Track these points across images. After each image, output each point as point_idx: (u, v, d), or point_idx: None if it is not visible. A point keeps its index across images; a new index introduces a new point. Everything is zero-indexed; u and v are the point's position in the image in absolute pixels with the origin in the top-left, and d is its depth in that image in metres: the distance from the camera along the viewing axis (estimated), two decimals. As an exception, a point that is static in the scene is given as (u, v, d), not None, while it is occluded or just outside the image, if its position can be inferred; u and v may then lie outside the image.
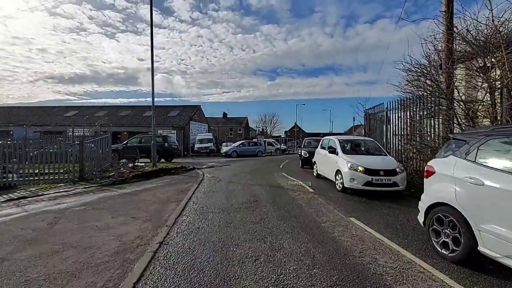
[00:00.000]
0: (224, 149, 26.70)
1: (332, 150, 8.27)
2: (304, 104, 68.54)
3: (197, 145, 29.26)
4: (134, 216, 5.29)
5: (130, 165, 13.66)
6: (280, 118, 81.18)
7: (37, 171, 10.03)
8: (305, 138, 16.21)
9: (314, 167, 10.50)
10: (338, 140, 8.52)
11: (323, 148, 9.83)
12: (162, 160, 18.24)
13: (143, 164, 13.76)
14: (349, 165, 7.16)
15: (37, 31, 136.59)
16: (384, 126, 12.00)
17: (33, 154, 10.52)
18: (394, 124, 10.89)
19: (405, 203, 6.31)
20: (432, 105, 8.80)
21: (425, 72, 7.80)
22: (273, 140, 38.07)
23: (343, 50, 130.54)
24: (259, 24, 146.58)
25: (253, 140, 33.63)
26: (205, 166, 15.24)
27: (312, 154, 13.10)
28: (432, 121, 9.06)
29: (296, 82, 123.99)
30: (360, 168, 6.94)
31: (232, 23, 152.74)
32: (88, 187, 9.03)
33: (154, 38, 13.24)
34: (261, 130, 72.14)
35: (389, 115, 11.39)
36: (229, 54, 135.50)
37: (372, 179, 6.76)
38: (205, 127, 37.18)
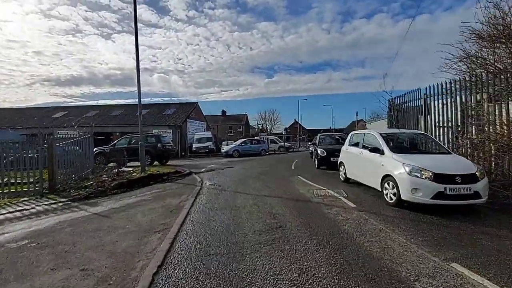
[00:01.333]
0: (224, 148, 24.57)
1: (374, 148, 6.14)
2: (306, 99, 66.78)
3: (195, 145, 27.10)
4: (86, 267, 3.17)
5: (115, 170, 11.55)
6: (280, 115, 79.22)
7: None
8: (319, 134, 14.12)
9: (341, 169, 8.39)
10: (381, 134, 6.39)
11: (353, 145, 7.73)
12: (156, 162, 16.11)
13: (131, 169, 11.63)
14: (407, 169, 5.04)
15: (33, 34, 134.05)
16: (422, 117, 9.89)
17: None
18: (437, 113, 8.80)
19: (495, 223, 4.26)
20: (502, 84, 6.72)
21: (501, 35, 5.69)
22: (276, 138, 35.96)
23: (340, 46, 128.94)
24: (255, 21, 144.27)
25: (256, 138, 31.48)
26: (204, 169, 13.11)
27: (330, 152, 11.03)
28: (498, 106, 6.99)
29: (294, 79, 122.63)
30: (426, 174, 4.82)
31: (228, 21, 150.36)
32: (55, 203, 7.01)
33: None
34: (261, 127, 70.08)
35: (428, 102, 9.30)
36: (226, 52, 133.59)
37: (445, 188, 4.65)
38: (203, 125, 35.01)
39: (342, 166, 8.23)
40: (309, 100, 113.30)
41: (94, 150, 16.33)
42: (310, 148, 17.51)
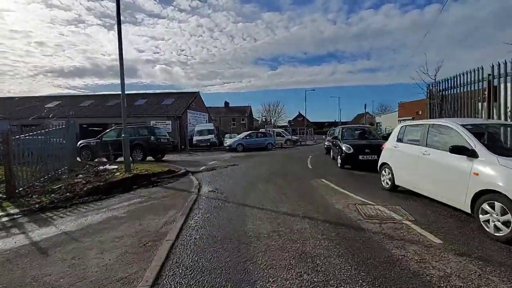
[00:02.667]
0: (227, 141, 22.53)
1: (456, 148, 4.01)
2: (313, 90, 64.08)
3: (195, 138, 25.08)
4: None
5: (97, 169, 9.60)
6: (285, 107, 76.80)
7: None
8: (340, 127, 11.95)
9: (384, 172, 6.31)
10: (465, 126, 4.26)
11: (408, 142, 5.61)
12: (150, 158, 14.14)
13: (116, 166, 9.63)
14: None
15: (35, 24, 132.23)
16: (480, 104, 7.75)
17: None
18: (510, 99, 6.66)
19: None
20: None
21: None
22: (282, 130, 33.78)
23: (346, 37, 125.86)
24: (259, 11, 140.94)
25: (261, 130, 29.36)
26: (203, 167, 11.09)
27: (358, 149, 8.98)
28: None
29: (298, 70, 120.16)
30: None
31: (232, 11, 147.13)
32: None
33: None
34: (264, 119, 67.89)
35: (495, 85, 7.14)
36: (230, 43, 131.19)
37: None
38: (205, 116, 32.92)
39: (387, 169, 6.14)
40: (313, 93, 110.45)
41: (79, 143, 14.41)
42: (326, 143, 15.41)
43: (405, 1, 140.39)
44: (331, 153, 12.78)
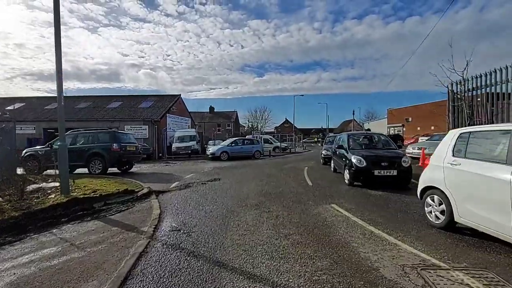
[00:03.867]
0: (210, 149, 20.21)
1: None
2: (302, 95, 63.32)
3: (174, 145, 22.56)
4: None
5: (31, 186, 7.15)
6: (271, 113, 75.04)
7: None
8: (345, 134, 9.92)
9: (432, 201, 4.27)
10: None
11: (484, 159, 3.58)
12: (115, 169, 11.67)
13: (55, 186, 7.17)
14: None
15: (14, 25, 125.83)
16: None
17: None
18: None
19: None
20: None
21: None
22: (270, 137, 31.77)
23: (331, 46, 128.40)
24: (247, 18, 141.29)
25: (248, 137, 27.20)
26: (175, 183, 8.79)
27: (373, 162, 7.05)
28: None
29: (284, 78, 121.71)
30: None
31: (219, 17, 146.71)
32: None
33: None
34: (251, 125, 65.94)
35: None
36: (217, 49, 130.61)
37: None
38: (187, 121, 30.42)
39: (438, 198, 4.12)
40: (299, 100, 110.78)
41: (24, 152, 11.71)
42: (324, 152, 13.43)
43: (388, 13, 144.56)
44: (332, 164, 10.80)
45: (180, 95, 29.01)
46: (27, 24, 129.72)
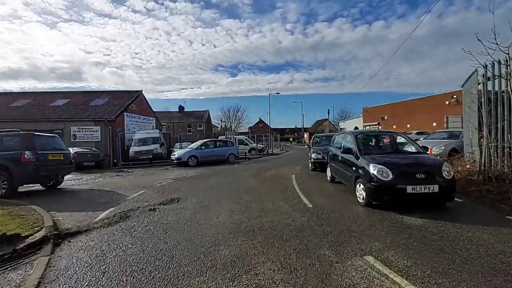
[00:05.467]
0: (176, 153, 17.10)
1: None
2: (278, 93, 61.77)
3: (133, 149, 19.06)
4: None
5: None
6: (245, 114, 72.16)
7: None
8: (350, 133, 7.36)
9: None
10: None
11: None
12: (32, 187, 8.39)
13: None
14: None
15: None
16: None
17: None
18: None
19: None
20: None
21: None
22: (245, 137, 29.17)
23: (303, 47, 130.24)
24: (219, 17, 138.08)
25: (221, 138, 24.32)
26: (107, 211, 5.84)
27: (403, 173, 4.66)
28: None
29: (258, 78, 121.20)
30: None
31: (191, 15, 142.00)
32: None
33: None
34: (224, 126, 62.93)
35: None
36: (188, 48, 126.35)
37: None
38: (151, 122, 26.78)
39: None
40: (273, 100, 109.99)
41: None
42: (314, 155, 10.99)
43: (356, 16, 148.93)
44: (329, 171, 8.42)
45: (141, 91, 25.32)
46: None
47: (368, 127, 44.36)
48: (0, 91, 29.69)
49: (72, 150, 16.32)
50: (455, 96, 27.89)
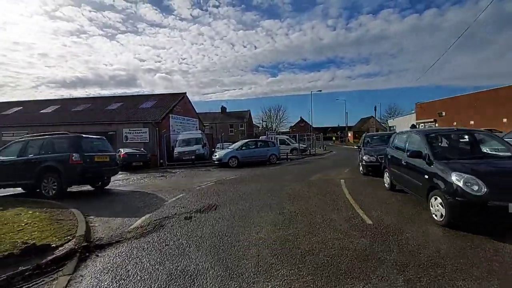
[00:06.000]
0: (217, 154, 16.98)
1: None
2: (320, 91, 59.71)
3: (177, 149, 19.53)
4: None
5: None
6: (286, 113, 70.69)
7: None
8: (415, 132, 6.11)
9: None
10: None
11: None
12: (83, 187, 8.72)
13: None
14: None
15: (38, 35, 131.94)
16: None
17: None
18: None
19: None
20: None
21: None
22: (287, 137, 28.23)
23: (345, 43, 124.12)
24: (260, 19, 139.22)
25: (262, 138, 23.80)
26: (143, 217, 5.55)
27: (503, 186, 3.29)
28: None
29: (298, 77, 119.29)
30: None
31: (233, 19, 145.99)
32: None
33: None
34: (265, 126, 62.55)
35: None
36: (231, 51, 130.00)
37: None
38: (194, 122, 27.45)
39: None
40: (314, 98, 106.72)
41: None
42: (364, 157, 9.66)
43: (404, 6, 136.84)
44: (387, 177, 7.14)
45: (185, 93, 26.06)
46: (50, 34, 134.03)
47: (423, 125, 39.96)
48: (67, 97, 33.08)
49: (123, 151, 17.30)
50: (536, 87, 23.39)
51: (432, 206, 4.53)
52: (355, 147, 11.57)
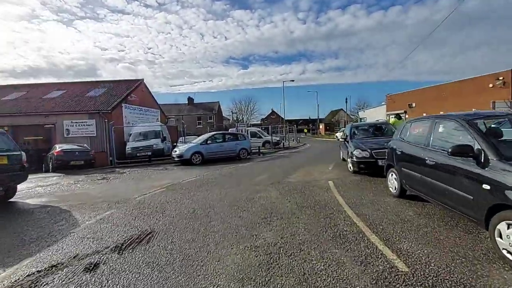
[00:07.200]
0: (177, 149, 14.43)
1: None
2: (293, 81, 58.62)
3: (130, 144, 16.61)
4: None
5: None
6: (257, 106, 68.22)
7: None
8: (459, 116, 4.23)
9: None
10: None
11: None
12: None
13: None
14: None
15: None
16: None
17: None
18: None
19: None
20: None
21: None
22: (259, 129, 26.25)
23: (315, 37, 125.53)
24: (230, 9, 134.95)
25: (231, 131, 21.53)
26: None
27: None
28: None
29: (269, 70, 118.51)
30: None
31: (202, 8, 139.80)
32: None
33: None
34: (236, 118, 60.20)
35: None
36: (200, 41, 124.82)
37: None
38: (155, 114, 24.25)
39: None
40: (285, 91, 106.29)
41: None
42: (355, 152, 7.70)
43: (371, 2, 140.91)
44: (395, 180, 5.30)
45: (142, 79, 22.76)
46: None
47: (393, 116, 40.42)
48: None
49: (58, 147, 14.08)
50: (501, 78, 23.80)
51: (502, 237, 2.73)
52: (341, 139, 9.75)
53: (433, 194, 4.01)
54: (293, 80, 61.14)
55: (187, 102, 49.69)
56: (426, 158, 4.04)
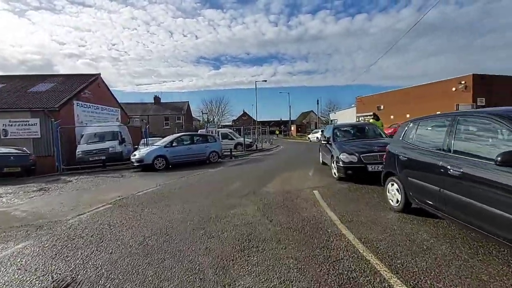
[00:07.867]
0: (137, 152, 12.67)
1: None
2: (265, 81, 57.92)
3: (81, 147, 14.43)
4: None
5: None
6: (228, 107, 66.35)
7: None
8: (470, 114, 3.46)
9: None
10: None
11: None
12: None
13: None
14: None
15: None
16: None
17: None
18: None
19: None
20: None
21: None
22: (230, 131, 24.94)
23: (286, 40, 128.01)
24: (201, 7, 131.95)
25: (200, 132, 19.94)
26: None
27: None
28: None
29: (241, 71, 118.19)
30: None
31: (171, 5, 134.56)
32: None
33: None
34: (206, 119, 58.19)
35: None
36: (169, 39, 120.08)
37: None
38: (114, 113, 21.88)
39: None
40: (256, 92, 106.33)
41: None
42: (341, 156, 6.71)
43: (339, 9, 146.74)
44: (398, 190, 4.39)
45: (99, 74, 20.31)
46: None
47: (362, 118, 41.43)
48: None
49: (-15, 152, 11.66)
50: (463, 82, 25.11)
51: None
52: (323, 142, 8.79)
53: (458, 213, 3.11)
54: (265, 80, 60.94)
55: (153, 101, 46.75)
56: (448, 167, 3.14)
